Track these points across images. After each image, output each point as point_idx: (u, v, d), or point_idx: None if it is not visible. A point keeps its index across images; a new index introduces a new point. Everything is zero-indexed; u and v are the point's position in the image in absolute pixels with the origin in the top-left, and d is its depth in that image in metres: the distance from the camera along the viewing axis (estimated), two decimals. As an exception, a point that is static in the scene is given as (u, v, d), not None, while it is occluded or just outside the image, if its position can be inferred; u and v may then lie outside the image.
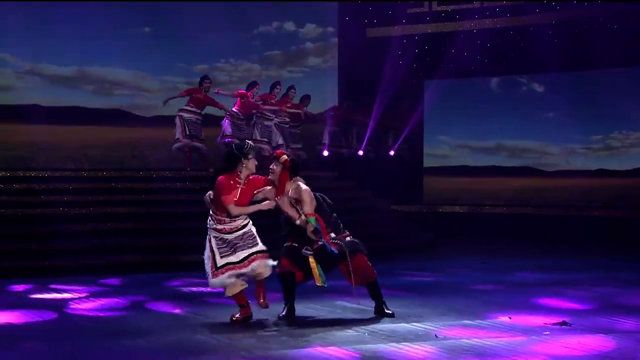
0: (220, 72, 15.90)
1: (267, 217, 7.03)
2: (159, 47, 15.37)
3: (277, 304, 7.13)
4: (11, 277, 9.71)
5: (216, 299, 8.18)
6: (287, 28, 16.70)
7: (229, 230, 6.69)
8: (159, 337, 6.28)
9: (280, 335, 6.32)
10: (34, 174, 12.60)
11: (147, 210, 12.12)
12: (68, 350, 5.95)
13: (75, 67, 15.25)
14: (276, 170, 6.85)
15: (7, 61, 14.81)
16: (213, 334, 6.39)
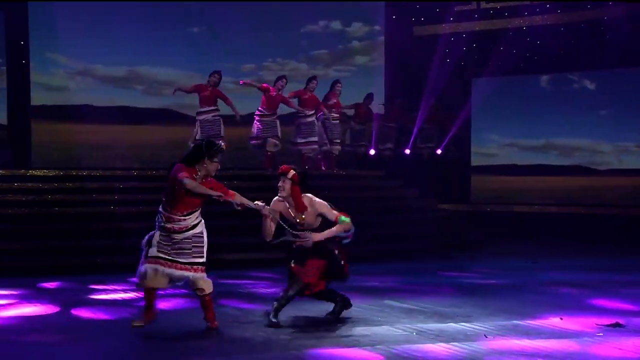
0: (268, 71, 15.93)
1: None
2: (207, 47, 15.51)
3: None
4: (64, 273, 9.86)
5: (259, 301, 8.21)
6: (334, 27, 16.68)
7: (178, 230, 6.27)
8: (211, 335, 6.33)
9: (328, 333, 6.29)
10: (85, 173, 12.81)
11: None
12: (140, 346, 6.07)
13: (126, 68, 15.47)
14: (286, 187, 6.52)
15: (60, 62, 15.11)
16: (260, 331, 6.38)
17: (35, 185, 12.26)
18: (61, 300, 8.04)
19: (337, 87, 14.18)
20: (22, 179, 12.39)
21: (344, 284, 6.88)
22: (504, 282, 9.39)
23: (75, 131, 14.40)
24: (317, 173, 13.92)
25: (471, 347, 5.72)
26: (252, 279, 9.67)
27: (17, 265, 10.30)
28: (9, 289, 8.65)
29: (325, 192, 12.89)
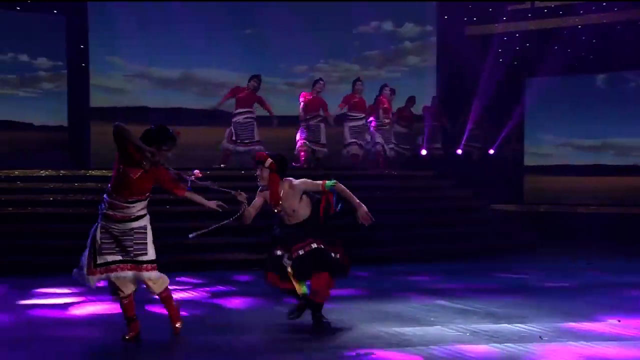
0: (320, 72, 15.92)
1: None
2: (260, 48, 15.59)
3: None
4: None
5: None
6: (386, 28, 16.60)
7: (120, 219, 5.82)
8: (254, 334, 6.34)
9: (380, 334, 6.23)
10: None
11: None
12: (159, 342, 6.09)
13: (181, 70, 15.68)
14: (264, 176, 6.23)
15: (118, 65, 15.41)
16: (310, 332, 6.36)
17: (95, 185, 12.47)
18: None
19: (386, 90, 14.15)
20: (82, 179, 12.63)
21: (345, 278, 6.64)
22: (559, 283, 9.21)
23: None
24: (366, 173, 13.94)
25: (525, 349, 5.62)
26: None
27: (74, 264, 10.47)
28: (67, 287, 8.74)
29: (377, 192, 13.01)
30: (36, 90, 14.99)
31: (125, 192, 5.80)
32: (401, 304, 7.54)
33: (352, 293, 8.35)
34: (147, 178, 5.86)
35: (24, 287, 8.74)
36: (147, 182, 5.88)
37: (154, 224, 6.04)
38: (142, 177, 5.82)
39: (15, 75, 14.89)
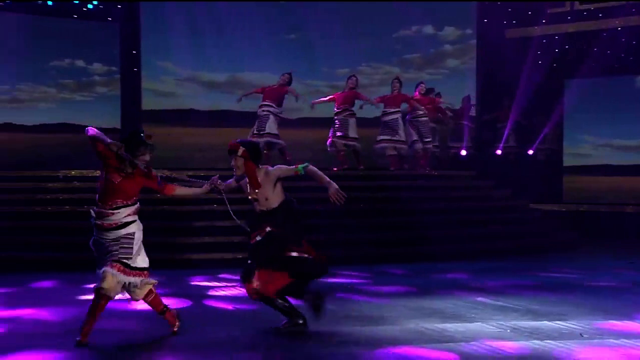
0: (362, 75, 15.83)
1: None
2: (304, 52, 15.63)
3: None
4: (157, 268, 10.02)
5: (357, 294, 8.15)
6: (427, 31, 16.47)
7: (107, 226, 5.61)
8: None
9: (423, 330, 6.14)
10: (191, 173, 13.00)
11: (303, 207, 12.12)
12: (200, 337, 6.05)
13: (228, 74, 15.78)
14: (239, 165, 5.99)
15: (169, 70, 15.61)
16: (357, 326, 6.33)
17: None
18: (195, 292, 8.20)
19: (420, 88, 13.95)
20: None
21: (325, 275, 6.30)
22: (600, 282, 8.99)
23: (182, 134, 14.78)
24: (408, 173, 13.81)
25: (566, 346, 5.48)
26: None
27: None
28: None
29: (419, 193, 12.91)
30: (91, 94, 15.28)
31: (109, 199, 5.61)
32: (443, 300, 7.45)
33: (396, 290, 8.30)
34: (131, 182, 5.67)
35: (75, 282, 8.81)
36: (131, 186, 5.68)
37: (201, 222, 6.00)
38: (124, 181, 5.63)
39: (73, 80, 15.21)
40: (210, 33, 15.36)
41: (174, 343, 5.83)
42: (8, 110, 14.61)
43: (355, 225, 11.76)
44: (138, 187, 5.74)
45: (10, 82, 14.65)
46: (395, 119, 13.42)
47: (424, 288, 8.36)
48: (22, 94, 14.80)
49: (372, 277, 9.37)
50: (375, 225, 11.85)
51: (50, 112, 14.94)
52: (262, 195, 5.97)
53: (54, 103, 15.05)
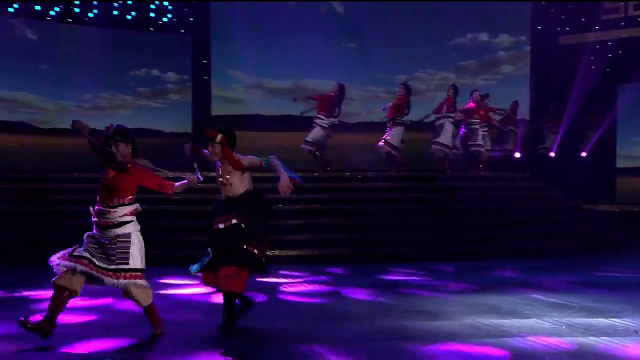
0: (418, 81, 15.87)
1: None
2: (363, 60, 15.69)
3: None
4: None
5: (417, 289, 8.18)
6: (481, 39, 16.35)
7: (104, 224, 5.44)
8: (364, 322, 6.33)
9: (479, 325, 6.13)
10: (257, 175, 13.24)
11: (355, 207, 12.26)
12: (277, 328, 6.12)
13: (292, 81, 15.94)
14: (217, 151, 5.88)
15: (237, 77, 15.88)
16: (413, 320, 6.35)
17: (210, 186, 12.75)
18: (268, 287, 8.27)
19: (474, 95, 13.91)
20: (205, 180, 12.95)
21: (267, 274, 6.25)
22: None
23: (248, 138, 14.91)
24: (463, 175, 13.77)
25: (622, 342, 5.41)
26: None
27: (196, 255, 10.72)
28: (181, 277, 8.99)
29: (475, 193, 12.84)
30: (165, 101, 15.65)
31: (105, 196, 5.46)
32: (498, 297, 7.39)
33: (452, 287, 8.28)
34: (125, 179, 5.50)
35: (153, 276, 8.93)
36: (126, 183, 5.49)
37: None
38: (118, 177, 5.48)
39: (148, 89, 15.60)
40: (275, 43, 15.57)
41: (247, 333, 5.94)
42: (91, 117, 15.07)
43: (413, 224, 11.78)
44: (133, 185, 5.54)
45: (93, 91, 15.14)
46: (442, 124, 13.49)
47: (480, 285, 8.30)
48: (103, 101, 15.27)
49: (429, 274, 9.33)
50: (431, 225, 11.83)
51: (128, 118, 15.31)
52: (229, 180, 5.85)
53: (131, 110, 15.48)
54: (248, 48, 15.29)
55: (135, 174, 5.56)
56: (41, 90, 14.79)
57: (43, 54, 14.72)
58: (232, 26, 15.38)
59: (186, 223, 11.50)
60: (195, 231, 11.23)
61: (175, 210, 11.76)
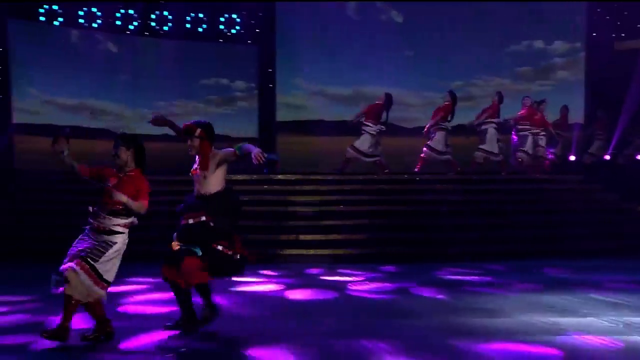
0: (474, 87, 15.74)
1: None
2: (420, 67, 15.69)
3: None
4: (308, 261, 10.35)
5: (477, 287, 8.14)
6: (537, 46, 16.10)
7: (96, 228, 5.23)
8: (426, 319, 6.32)
9: (536, 323, 6.07)
10: (321, 177, 13.44)
11: (413, 208, 12.26)
12: (347, 324, 6.19)
13: (352, 88, 16.03)
14: (195, 145, 5.60)
15: (300, 85, 16.06)
16: (472, 317, 6.33)
17: (280, 187, 13.03)
18: (300, 285, 8.42)
19: (525, 101, 13.78)
20: (270, 182, 13.24)
21: (241, 275, 5.87)
22: None
23: (311, 142, 15.15)
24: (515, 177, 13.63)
25: (680, 342, 5.30)
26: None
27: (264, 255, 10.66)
28: (253, 275, 9.17)
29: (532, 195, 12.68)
30: (233, 108, 15.97)
31: (104, 202, 5.28)
32: (555, 296, 7.28)
33: (510, 285, 8.20)
34: (125, 188, 5.26)
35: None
36: (125, 191, 5.24)
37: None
38: (119, 185, 5.27)
39: (217, 96, 15.93)
40: (336, 52, 15.72)
41: (317, 327, 6.05)
42: (166, 123, 15.57)
43: (468, 225, 11.74)
44: (132, 194, 5.25)
45: (167, 99, 15.59)
46: (485, 130, 13.53)
47: (537, 284, 8.20)
48: (176, 108, 15.67)
49: (484, 273, 9.24)
50: (485, 226, 11.79)
51: (199, 124, 15.69)
52: (202, 174, 5.58)
53: (202, 116, 15.49)
54: (310, 57, 15.49)
55: (128, 181, 5.30)
56: (120, 99, 15.33)
57: (122, 65, 15.26)
58: (295, 37, 15.60)
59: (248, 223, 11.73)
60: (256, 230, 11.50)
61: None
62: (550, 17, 15.62)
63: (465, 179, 13.35)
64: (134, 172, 5.33)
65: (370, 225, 11.67)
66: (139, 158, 5.40)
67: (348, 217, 11.85)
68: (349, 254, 10.76)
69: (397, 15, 16.14)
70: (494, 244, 11.12)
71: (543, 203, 12.64)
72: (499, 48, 15.99)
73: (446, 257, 10.50)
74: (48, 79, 14.50)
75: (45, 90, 14.60)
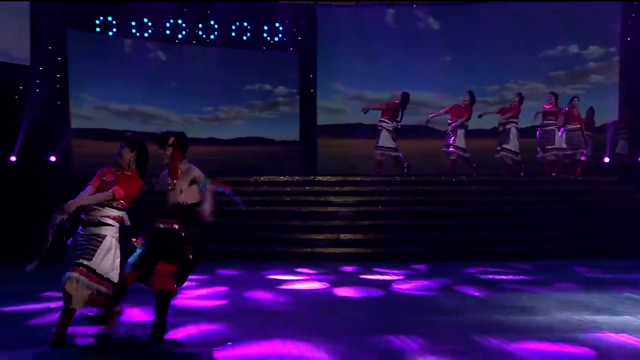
0: (509, 91, 15.53)
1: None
2: (457, 72, 15.56)
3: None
4: (345, 260, 10.37)
5: (511, 285, 8.04)
6: (571, 51, 15.82)
7: (86, 222, 5.01)
8: (465, 316, 6.27)
9: (571, 320, 5.96)
10: (359, 178, 13.44)
11: (451, 209, 12.16)
12: (393, 320, 6.20)
13: (390, 92, 15.90)
14: (168, 153, 5.42)
15: (339, 90, 16.10)
16: (509, 315, 6.25)
17: (320, 188, 13.06)
18: (335, 280, 8.43)
19: (575, 101, 13.57)
20: (311, 184, 13.28)
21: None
22: None
23: (350, 145, 15.17)
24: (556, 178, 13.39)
25: None
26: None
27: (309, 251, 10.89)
28: (310, 269, 9.28)
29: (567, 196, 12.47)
30: (276, 113, 16.08)
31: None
32: (590, 294, 7.13)
33: (546, 284, 8.09)
34: (121, 184, 5.09)
35: (256, 270, 9.18)
36: (124, 186, 5.08)
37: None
38: (115, 180, 5.10)
39: (260, 101, 16.06)
40: (374, 58, 15.74)
41: (355, 324, 6.06)
42: (212, 127, 15.80)
43: (502, 225, 11.62)
44: (129, 192, 5.12)
45: (213, 104, 15.82)
46: (508, 129, 13.40)
47: (572, 283, 8.08)
48: (222, 113, 15.89)
49: (518, 272, 9.12)
50: (519, 226, 11.65)
51: (243, 128, 15.90)
52: (178, 186, 5.43)
53: (246, 120, 16.00)
54: (349, 63, 15.53)
55: (124, 179, 5.15)
56: (169, 104, 15.59)
57: (171, 73, 15.53)
58: (335, 44, 15.67)
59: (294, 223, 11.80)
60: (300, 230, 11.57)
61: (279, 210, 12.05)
62: (585, 22, 15.33)
63: (498, 181, 13.19)
64: (130, 172, 5.19)
65: (403, 225, 11.63)
66: (141, 161, 5.25)
67: (384, 217, 11.83)
68: (383, 253, 10.72)
69: (434, 23, 16.06)
70: (524, 244, 11.00)
71: (576, 204, 12.41)
72: (534, 53, 15.79)
73: (480, 256, 10.41)
74: (102, 86, 14.82)
75: (99, 97, 14.94)
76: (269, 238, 11.37)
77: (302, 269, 9.35)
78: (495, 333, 5.51)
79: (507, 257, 10.26)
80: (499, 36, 15.41)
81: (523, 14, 15.44)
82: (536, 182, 13.25)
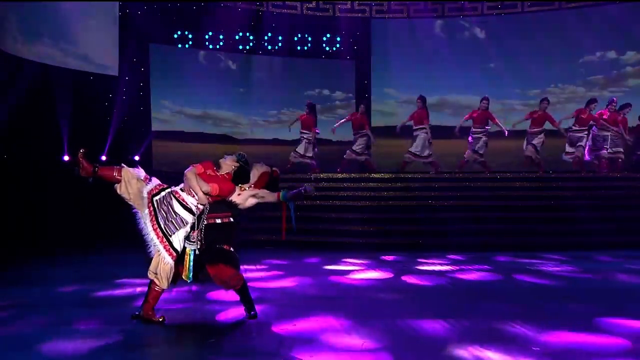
0: (550, 94, 15.61)
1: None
2: (500, 77, 15.74)
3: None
4: (398, 250, 10.69)
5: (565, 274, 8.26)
6: (609, 56, 15.83)
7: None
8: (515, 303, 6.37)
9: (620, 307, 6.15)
10: (410, 176, 13.85)
11: (493, 203, 12.43)
12: (457, 304, 6.46)
13: (438, 96, 16.24)
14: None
15: (391, 94, 16.46)
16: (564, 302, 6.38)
17: (376, 184, 13.52)
18: (395, 269, 8.71)
19: (612, 105, 13.75)
20: (367, 180, 13.76)
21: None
22: None
23: (402, 145, 15.47)
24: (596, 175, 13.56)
25: None
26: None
27: (362, 242, 11.42)
28: (358, 259, 9.65)
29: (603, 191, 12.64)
30: (334, 115, 16.44)
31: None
32: (621, 285, 7.37)
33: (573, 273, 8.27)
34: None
35: (332, 260, 9.56)
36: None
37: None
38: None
39: (320, 105, 16.32)
40: (424, 65, 16.07)
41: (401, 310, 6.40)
42: (275, 129, 16.38)
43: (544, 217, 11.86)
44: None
45: (276, 108, 16.36)
46: (533, 132, 14.03)
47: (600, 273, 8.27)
48: (284, 116, 16.44)
49: (566, 262, 9.29)
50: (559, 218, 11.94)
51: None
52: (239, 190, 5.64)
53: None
54: (401, 70, 15.90)
55: (222, 180, 5.58)
56: (238, 108, 16.22)
57: (239, 80, 16.13)
58: (388, 52, 16.06)
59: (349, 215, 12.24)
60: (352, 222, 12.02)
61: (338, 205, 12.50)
62: (623, 29, 15.32)
63: (542, 177, 13.43)
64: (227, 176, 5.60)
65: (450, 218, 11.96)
66: (239, 174, 5.66)
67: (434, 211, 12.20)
68: (431, 244, 11.06)
69: (480, 32, 16.32)
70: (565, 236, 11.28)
71: (612, 200, 12.55)
72: (574, 59, 15.86)
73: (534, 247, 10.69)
74: (179, 93, 15.52)
75: (176, 102, 15.61)
76: (331, 230, 11.87)
77: (351, 259, 9.55)
78: (549, 319, 5.69)
79: (554, 249, 10.49)
80: (540, 44, 15.56)
81: (562, 22, 15.55)
82: (579, 179, 13.45)
